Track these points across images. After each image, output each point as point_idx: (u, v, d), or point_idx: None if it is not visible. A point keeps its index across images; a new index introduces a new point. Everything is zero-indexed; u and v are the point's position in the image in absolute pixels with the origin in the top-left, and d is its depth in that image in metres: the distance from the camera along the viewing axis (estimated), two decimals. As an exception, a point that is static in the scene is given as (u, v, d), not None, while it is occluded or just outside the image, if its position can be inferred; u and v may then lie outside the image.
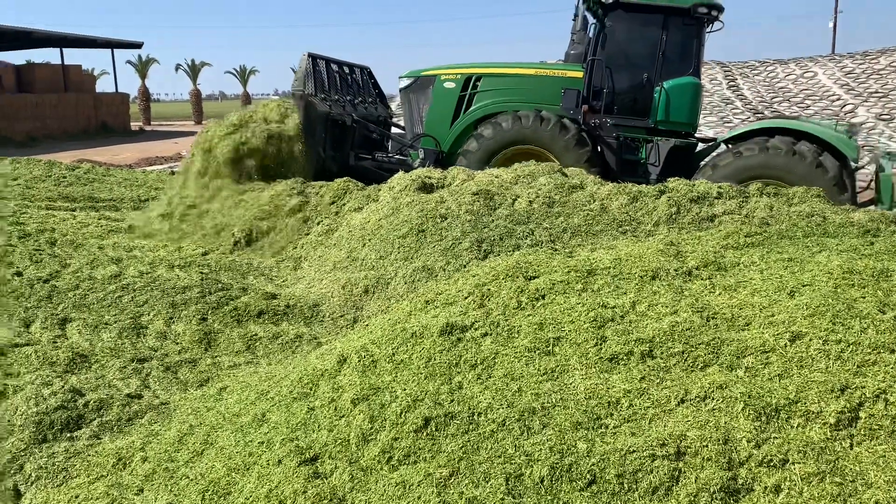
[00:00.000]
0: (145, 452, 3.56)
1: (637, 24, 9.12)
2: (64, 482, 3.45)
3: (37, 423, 3.81)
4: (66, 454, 3.63)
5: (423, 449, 2.89)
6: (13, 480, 3.48)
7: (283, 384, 3.82)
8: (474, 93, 9.71)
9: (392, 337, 3.66)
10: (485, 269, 4.30)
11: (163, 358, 4.85)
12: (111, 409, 4.03)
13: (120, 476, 3.42)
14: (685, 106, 8.99)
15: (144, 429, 3.87)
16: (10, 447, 3.66)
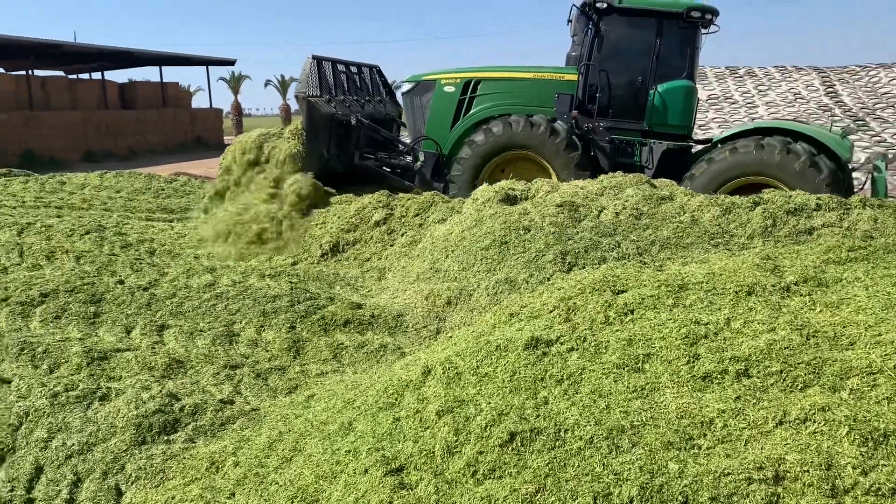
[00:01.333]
0: (237, 457, 3.67)
1: (631, 27, 9.19)
2: (161, 483, 3.59)
3: (136, 425, 3.98)
4: (164, 456, 3.78)
5: (508, 464, 2.86)
6: (115, 479, 3.65)
7: (368, 393, 3.86)
8: (473, 97, 9.92)
9: (476, 349, 3.65)
10: (570, 283, 4.23)
11: (254, 365, 5.00)
12: (205, 413, 4.17)
13: (213, 479, 3.53)
14: (679, 108, 9.08)
15: (236, 434, 3.99)
16: (112, 448, 3.84)
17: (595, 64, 9.22)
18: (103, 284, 6.30)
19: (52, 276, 6.47)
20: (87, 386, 4.41)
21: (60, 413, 4.12)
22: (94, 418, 4.08)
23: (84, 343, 5.17)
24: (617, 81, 9.28)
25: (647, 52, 9.09)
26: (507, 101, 9.67)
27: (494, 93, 9.78)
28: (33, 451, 3.84)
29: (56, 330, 5.51)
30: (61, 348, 5.03)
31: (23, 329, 5.53)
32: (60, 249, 7.74)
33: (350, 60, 11.09)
